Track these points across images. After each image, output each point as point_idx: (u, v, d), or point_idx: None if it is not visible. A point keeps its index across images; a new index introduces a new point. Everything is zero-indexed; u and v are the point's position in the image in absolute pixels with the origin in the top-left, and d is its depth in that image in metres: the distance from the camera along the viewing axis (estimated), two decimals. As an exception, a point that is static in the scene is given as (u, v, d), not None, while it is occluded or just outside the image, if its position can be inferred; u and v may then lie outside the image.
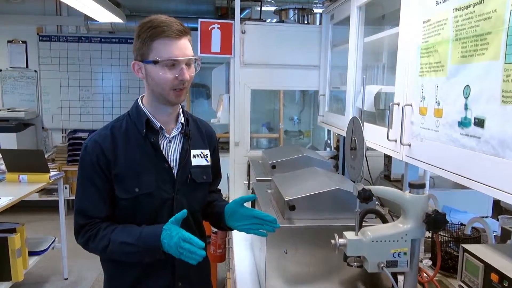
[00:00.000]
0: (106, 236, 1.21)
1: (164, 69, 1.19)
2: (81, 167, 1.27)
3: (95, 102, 5.58)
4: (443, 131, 1.08)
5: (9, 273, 2.80)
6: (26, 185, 3.12)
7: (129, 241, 1.18)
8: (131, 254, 1.19)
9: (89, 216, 1.24)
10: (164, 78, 1.19)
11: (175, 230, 1.14)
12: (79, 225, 1.25)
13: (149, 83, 1.25)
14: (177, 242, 1.11)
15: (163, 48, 1.18)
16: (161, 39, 1.18)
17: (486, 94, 0.91)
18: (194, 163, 1.35)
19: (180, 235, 1.12)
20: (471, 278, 1.09)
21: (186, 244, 1.10)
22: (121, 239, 1.19)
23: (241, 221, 1.31)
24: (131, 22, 4.85)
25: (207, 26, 2.44)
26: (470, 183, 0.98)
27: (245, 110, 2.56)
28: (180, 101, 1.27)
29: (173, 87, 1.21)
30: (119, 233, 1.21)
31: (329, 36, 2.48)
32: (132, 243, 1.18)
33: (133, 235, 1.19)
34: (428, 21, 1.17)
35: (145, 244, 1.17)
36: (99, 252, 1.25)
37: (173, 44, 1.18)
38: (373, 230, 1.10)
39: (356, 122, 1.09)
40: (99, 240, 1.21)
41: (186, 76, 1.20)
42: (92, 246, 1.23)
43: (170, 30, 1.18)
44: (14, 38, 5.44)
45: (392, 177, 2.39)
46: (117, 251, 1.20)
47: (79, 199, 1.27)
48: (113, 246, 1.19)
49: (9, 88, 5.50)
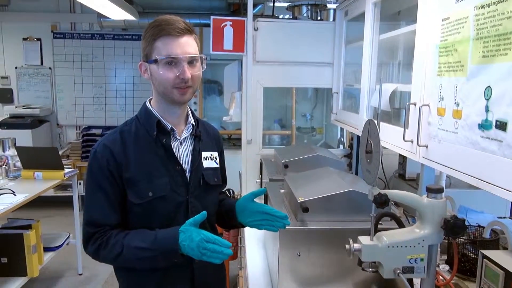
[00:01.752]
0: (119, 243, 1.17)
1: (165, 67, 1.17)
2: (90, 173, 1.23)
3: (109, 99, 5.62)
4: (462, 133, 1.05)
5: (25, 268, 2.84)
6: (41, 182, 3.16)
7: (143, 245, 1.15)
8: (146, 260, 1.16)
9: (99, 224, 1.21)
10: (165, 77, 1.17)
11: (196, 231, 1.11)
12: (89, 234, 1.21)
13: (154, 84, 1.24)
14: (200, 243, 1.08)
15: (163, 47, 1.17)
16: (162, 38, 1.17)
17: (509, 96, 0.88)
18: (205, 165, 1.33)
19: (202, 237, 1.09)
20: (490, 285, 1.06)
21: (209, 245, 1.08)
22: (135, 244, 1.16)
23: (252, 216, 1.29)
24: (143, 19, 4.85)
25: (219, 24, 2.42)
26: (490, 187, 0.94)
27: (257, 108, 2.54)
28: (185, 100, 1.24)
29: (175, 86, 1.19)
30: (133, 238, 1.18)
31: (343, 32, 2.44)
32: (148, 248, 1.14)
33: (147, 240, 1.16)
34: (447, 19, 1.13)
35: (161, 248, 1.13)
36: (111, 260, 1.21)
37: (173, 42, 1.16)
38: (388, 235, 1.07)
39: (372, 125, 1.06)
40: (111, 247, 1.18)
41: (187, 75, 1.17)
42: (104, 254, 1.19)
43: (171, 28, 1.16)
44: (29, 36, 5.51)
45: (407, 176, 2.35)
46: (131, 257, 1.16)
47: (88, 208, 1.24)
48: (127, 252, 1.16)
49: (24, 85, 5.57)
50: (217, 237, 1.10)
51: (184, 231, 1.12)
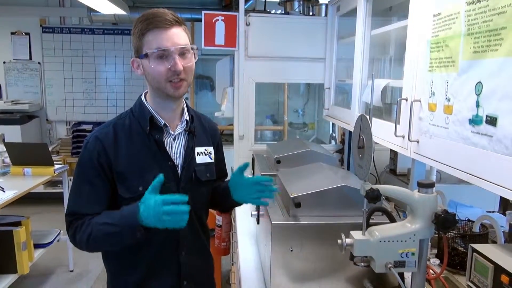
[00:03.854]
0: (90, 224, 1.17)
1: (156, 61, 1.16)
2: (79, 165, 1.23)
3: (99, 94, 5.57)
4: (453, 128, 1.06)
5: (14, 265, 2.81)
6: (31, 179, 3.12)
7: (109, 221, 1.14)
8: (112, 236, 1.14)
9: (80, 214, 1.20)
10: (157, 71, 1.16)
11: (154, 198, 1.07)
12: (69, 222, 1.22)
13: (147, 79, 1.23)
14: (156, 208, 1.05)
15: (153, 40, 1.15)
16: (151, 31, 1.15)
17: (499, 92, 0.88)
18: (198, 161, 1.33)
19: (158, 200, 1.05)
20: (480, 278, 1.07)
21: (166, 207, 1.04)
22: (102, 221, 1.16)
23: (245, 190, 1.30)
24: (134, 13, 4.80)
25: (211, 18, 2.41)
26: (480, 182, 0.95)
27: (249, 103, 2.53)
28: (180, 94, 1.23)
29: (168, 79, 1.18)
30: (101, 217, 1.17)
31: (335, 28, 2.44)
32: (112, 223, 1.13)
33: (113, 216, 1.15)
34: (439, 15, 1.13)
35: (124, 221, 1.11)
36: (86, 242, 1.18)
37: (162, 34, 1.15)
38: (380, 230, 1.08)
39: (364, 120, 1.07)
40: (85, 228, 1.17)
41: (179, 67, 1.16)
42: (78, 238, 1.18)
43: (159, 20, 1.15)
44: (17, 30, 5.42)
45: (398, 171, 2.37)
46: (98, 234, 1.15)
47: (72, 199, 1.23)
48: (95, 229, 1.15)
49: (12, 80, 5.49)
50: (172, 195, 1.06)
51: (143, 201, 1.09)
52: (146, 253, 1.27)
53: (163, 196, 1.07)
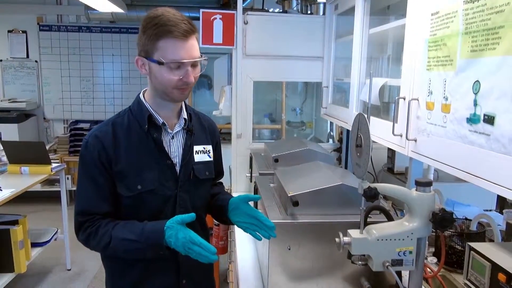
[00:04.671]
0: (107, 233, 1.19)
1: (169, 70, 1.16)
2: (82, 164, 1.24)
3: (97, 93, 5.55)
4: (451, 127, 1.06)
5: (12, 264, 2.80)
6: (28, 177, 3.12)
7: (131, 237, 1.16)
8: (134, 251, 1.18)
9: (89, 213, 1.22)
10: (168, 79, 1.16)
11: (182, 231, 1.12)
12: (79, 223, 1.23)
13: (152, 81, 1.22)
14: (185, 244, 1.10)
15: (168, 49, 1.14)
16: (167, 39, 1.13)
17: (497, 91, 0.88)
18: (197, 159, 1.33)
19: (188, 238, 1.10)
20: (477, 277, 1.07)
21: (195, 247, 1.10)
22: (123, 236, 1.18)
23: (241, 217, 1.29)
24: (132, 11, 4.79)
25: (208, 17, 2.40)
26: (478, 181, 0.96)
27: (247, 102, 2.53)
28: (185, 98, 1.26)
29: (177, 87, 1.19)
30: (121, 230, 1.19)
31: (333, 26, 2.43)
32: (135, 240, 1.16)
33: (135, 232, 1.17)
34: (437, 13, 1.13)
35: (148, 241, 1.15)
36: (101, 250, 1.23)
37: (180, 45, 1.14)
38: (378, 228, 1.08)
39: (362, 119, 1.07)
40: (101, 237, 1.19)
41: (191, 79, 1.17)
42: (94, 244, 1.21)
43: (177, 30, 1.13)
44: (14, 28, 5.39)
45: (395, 170, 2.37)
46: (119, 247, 1.18)
47: (79, 197, 1.25)
48: (115, 243, 1.18)
49: (10, 79, 5.47)
50: (202, 241, 1.11)
51: (170, 227, 1.13)
52: None
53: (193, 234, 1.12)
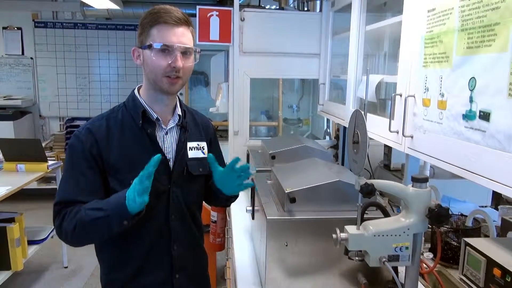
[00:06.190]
0: (79, 211, 1.15)
1: (158, 54, 1.18)
2: (70, 155, 1.22)
3: (92, 90, 5.53)
4: (447, 123, 1.07)
5: (8, 262, 2.80)
6: (24, 175, 3.10)
7: (96, 206, 1.14)
8: (100, 221, 1.13)
9: (72, 201, 1.18)
10: (157, 64, 1.18)
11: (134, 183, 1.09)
12: (57, 210, 1.19)
13: (145, 70, 1.24)
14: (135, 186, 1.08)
15: (159, 34, 1.18)
16: (159, 25, 1.18)
17: (492, 87, 0.89)
18: (190, 156, 1.33)
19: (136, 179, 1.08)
20: (473, 272, 1.09)
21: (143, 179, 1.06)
22: (90, 206, 1.15)
23: (230, 182, 1.29)
24: (127, 8, 4.77)
25: (205, 13, 2.40)
26: (474, 177, 0.96)
27: (244, 99, 2.53)
28: (174, 91, 1.24)
29: (166, 74, 1.19)
30: (90, 203, 1.16)
31: (330, 23, 2.44)
32: (100, 208, 1.13)
33: (101, 202, 1.15)
34: (433, 10, 1.14)
35: (110, 205, 1.12)
36: (71, 232, 1.15)
37: (170, 30, 1.18)
38: (375, 224, 1.09)
39: (358, 115, 1.07)
40: (73, 216, 1.15)
41: (179, 64, 1.18)
42: (65, 226, 1.16)
43: (168, 16, 1.17)
44: (9, 25, 5.36)
45: (392, 166, 2.38)
46: (85, 219, 1.13)
47: (62, 189, 1.21)
48: (83, 216, 1.13)
49: (5, 76, 5.44)
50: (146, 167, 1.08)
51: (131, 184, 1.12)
52: (139, 247, 1.27)
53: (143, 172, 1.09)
